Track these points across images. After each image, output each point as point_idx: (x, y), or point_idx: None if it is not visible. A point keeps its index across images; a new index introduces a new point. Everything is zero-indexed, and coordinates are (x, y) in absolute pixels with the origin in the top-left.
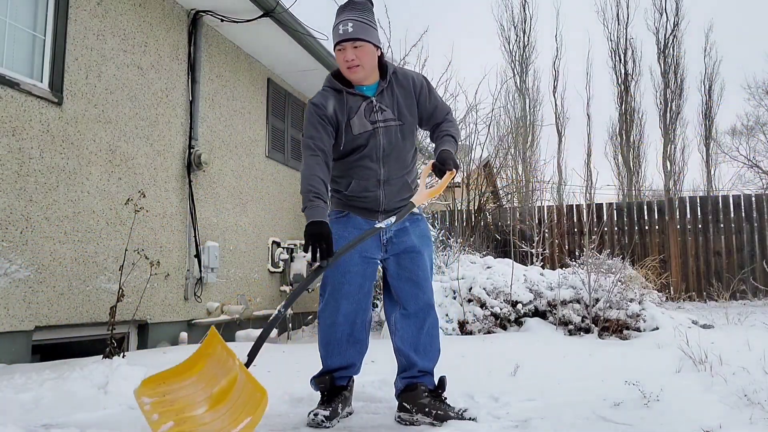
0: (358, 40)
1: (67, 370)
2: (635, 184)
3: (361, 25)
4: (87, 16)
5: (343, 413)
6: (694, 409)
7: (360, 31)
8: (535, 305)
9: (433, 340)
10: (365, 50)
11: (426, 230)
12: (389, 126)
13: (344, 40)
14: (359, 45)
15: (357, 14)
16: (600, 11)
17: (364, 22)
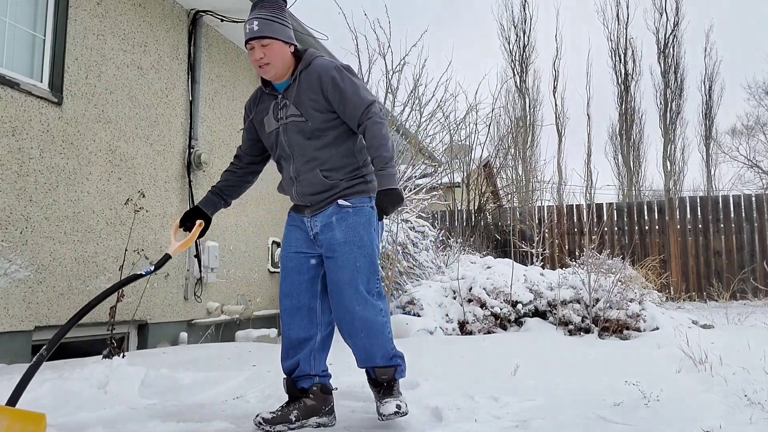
0: (265, 38)
1: (67, 370)
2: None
3: (268, 23)
4: (87, 16)
5: (299, 422)
6: (694, 409)
7: (266, 29)
8: (535, 305)
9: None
10: (273, 48)
11: (356, 227)
12: (291, 122)
13: (251, 39)
14: (267, 43)
15: (265, 12)
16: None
17: (272, 19)
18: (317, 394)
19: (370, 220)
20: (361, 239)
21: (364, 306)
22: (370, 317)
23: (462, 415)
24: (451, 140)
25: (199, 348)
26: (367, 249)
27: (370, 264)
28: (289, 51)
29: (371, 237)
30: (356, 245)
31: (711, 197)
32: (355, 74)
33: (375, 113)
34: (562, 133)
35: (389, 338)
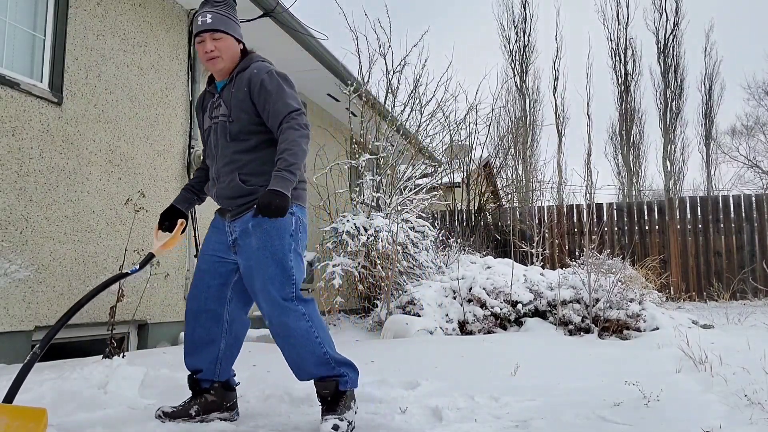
0: (218, 31)
1: (67, 370)
2: (635, 184)
3: (221, 18)
4: (87, 16)
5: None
6: (694, 409)
7: (219, 23)
8: (535, 305)
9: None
10: (225, 42)
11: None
12: (218, 122)
13: (204, 31)
14: (219, 37)
15: (217, 7)
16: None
17: (225, 15)
18: (218, 391)
19: (286, 227)
20: (272, 245)
21: (280, 312)
22: (290, 323)
23: (462, 415)
24: (451, 140)
25: None
26: (278, 255)
27: (282, 270)
28: (238, 49)
29: (284, 243)
30: (269, 251)
31: (711, 197)
32: (289, 82)
33: (296, 120)
34: (562, 133)
35: (319, 342)
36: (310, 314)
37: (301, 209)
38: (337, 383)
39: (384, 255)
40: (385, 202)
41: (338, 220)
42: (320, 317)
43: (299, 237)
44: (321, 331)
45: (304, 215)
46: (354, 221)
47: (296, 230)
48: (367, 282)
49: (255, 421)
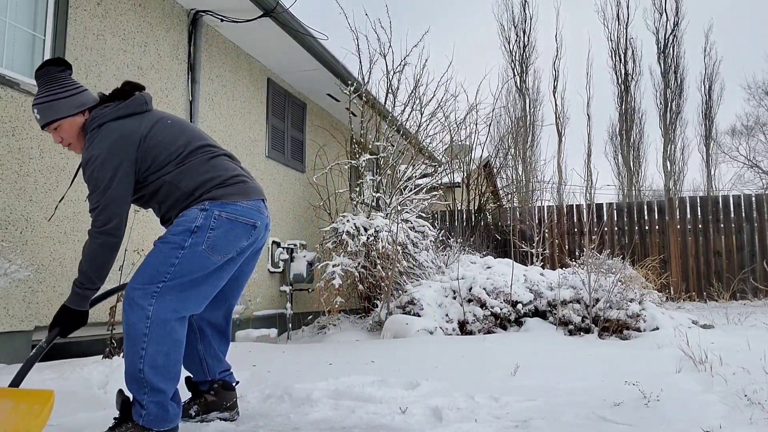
0: (51, 122)
1: (67, 370)
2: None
3: (47, 106)
4: (87, 16)
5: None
6: (694, 409)
7: (47, 114)
8: (535, 305)
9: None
10: (65, 128)
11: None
12: None
13: (43, 127)
14: (57, 125)
15: (40, 94)
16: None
17: (50, 99)
18: (218, 391)
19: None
20: (165, 237)
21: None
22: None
23: (462, 415)
24: (452, 140)
25: None
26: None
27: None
28: (81, 119)
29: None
30: (161, 240)
31: (711, 197)
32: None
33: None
34: (562, 133)
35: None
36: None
37: (221, 205)
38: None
39: (384, 255)
40: (385, 202)
41: (338, 220)
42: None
43: (207, 234)
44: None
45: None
46: (354, 221)
47: (203, 226)
48: (367, 282)
49: (255, 421)
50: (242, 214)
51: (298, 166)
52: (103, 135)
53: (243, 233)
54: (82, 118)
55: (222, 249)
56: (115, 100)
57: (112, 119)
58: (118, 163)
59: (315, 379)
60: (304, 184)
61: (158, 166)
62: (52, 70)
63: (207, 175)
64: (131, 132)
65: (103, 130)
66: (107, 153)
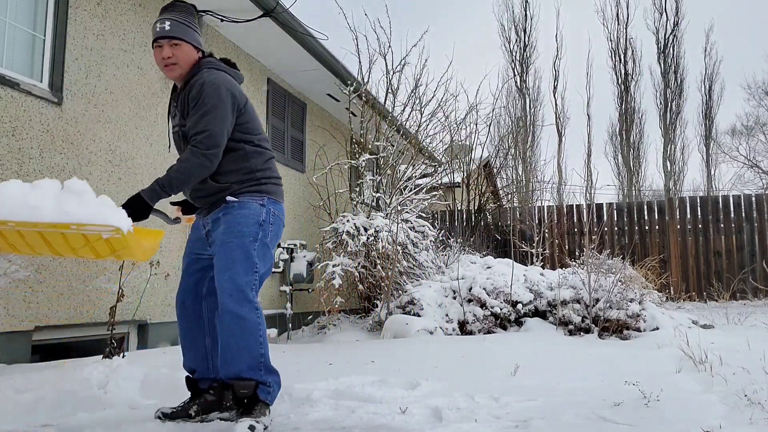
0: (175, 38)
1: (67, 370)
2: (635, 184)
3: (179, 25)
4: (87, 16)
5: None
6: (694, 409)
7: (177, 30)
8: (535, 305)
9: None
10: (182, 49)
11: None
12: (176, 131)
13: (161, 37)
14: (176, 43)
15: (176, 14)
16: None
17: (183, 22)
18: (217, 390)
19: (254, 215)
20: (239, 231)
21: (236, 300)
22: (243, 314)
23: (462, 415)
24: (452, 140)
25: None
26: (243, 241)
27: (245, 257)
28: (196, 56)
29: (250, 230)
30: (234, 236)
31: (711, 197)
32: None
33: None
34: (562, 133)
35: (260, 343)
36: (260, 311)
37: (274, 203)
38: (256, 386)
39: (384, 255)
40: (385, 202)
41: (338, 220)
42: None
43: (269, 228)
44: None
45: (278, 208)
46: (354, 221)
47: (266, 221)
48: (367, 282)
49: None
50: (282, 214)
51: (298, 166)
52: (223, 75)
53: (281, 232)
54: (196, 54)
55: (274, 243)
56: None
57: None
58: (232, 101)
59: (315, 379)
60: (304, 184)
61: (244, 132)
62: (192, 9)
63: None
64: (240, 91)
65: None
66: (226, 88)
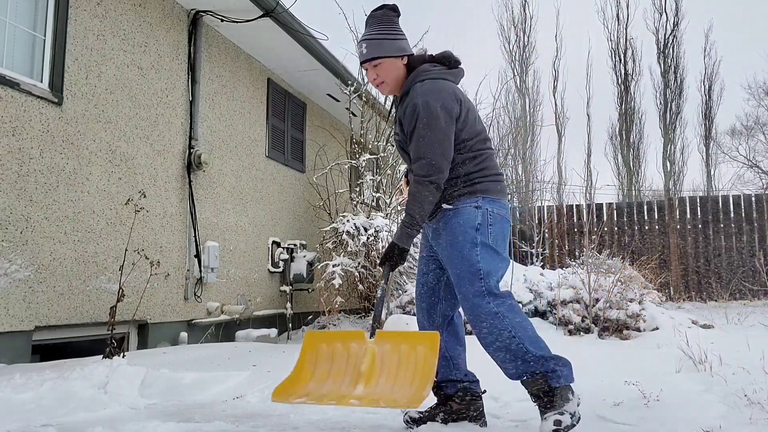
0: (374, 59)
1: (67, 370)
2: (635, 184)
3: (375, 43)
4: (87, 16)
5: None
6: (694, 409)
7: (373, 50)
8: (535, 305)
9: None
10: (384, 67)
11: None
12: (397, 138)
13: (363, 62)
14: (377, 63)
15: (374, 30)
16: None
17: (379, 38)
18: (463, 399)
19: (470, 221)
20: (457, 241)
21: (471, 307)
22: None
23: None
24: None
25: (199, 348)
26: (463, 250)
27: (469, 265)
28: (402, 64)
29: (467, 237)
30: (454, 247)
31: (711, 197)
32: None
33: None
34: (562, 133)
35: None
36: (503, 310)
37: (491, 201)
38: (547, 379)
39: None
40: (385, 202)
41: (338, 220)
42: (518, 310)
43: (488, 229)
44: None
45: (496, 206)
46: (354, 221)
47: (483, 223)
48: (367, 282)
49: (255, 421)
50: (506, 211)
51: (298, 166)
52: (435, 88)
53: (508, 228)
54: (401, 62)
55: (502, 242)
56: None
57: (442, 78)
58: (447, 116)
59: None
60: (304, 184)
61: (457, 141)
62: (389, 14)
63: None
64: (458, 97)
65: (436, 83)
66: (440, 107)
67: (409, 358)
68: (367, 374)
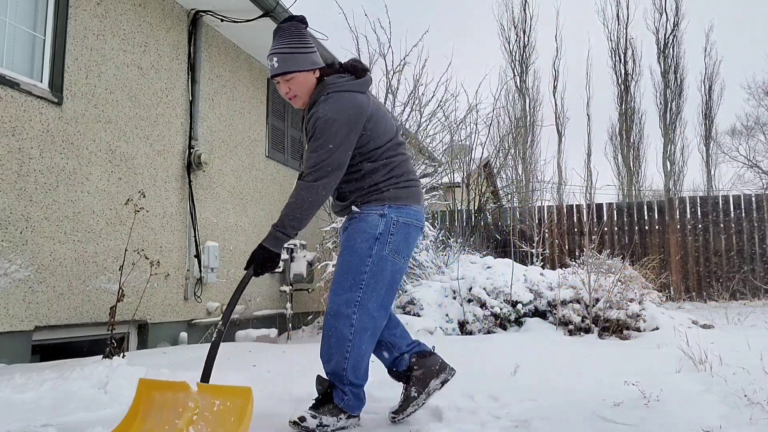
0: (288, 73)
1: (67, 370)
2: (635, 184)
3: (288, 57)
4: (87, 16)
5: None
6: (694, 409)
7: (286, 65)
8: (535, 305)
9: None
10: (297, 81)
11: (355, 232)
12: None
13: (274, 76)
14: (290, 78)
15: (283, 44)
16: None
17: (291, 51)
18: (418, 363)
19: (371, 228)
20: (354, 244)
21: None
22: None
23: (462, 415)
24: (452, 140)
25: (199, 348)
26: (355, 255)
27: (356, 271)
28: (314, 77)
29: (364, 244)
30: (348, 249)
31: (711, 197)
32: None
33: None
34: (562, 133)
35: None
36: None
37: (398, 209)
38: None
39: None
40: None
41: (338, 219)
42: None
43: (388, 239)
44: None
45: (402, 213)
46: None
47: (384, 232)
48: None
49: (255, 421)
50: (415, 218)
51: (298, 165)
52: (340, 102)
53: (416, 236)
54: (314, 76)
55: (403, 251)
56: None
57: (349, 90)
58: (347, 132)
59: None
60: None
61: (363, 154)
62: (299, 26)
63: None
64: (363, 109)
65: (341, 97)
66: (341, 120)
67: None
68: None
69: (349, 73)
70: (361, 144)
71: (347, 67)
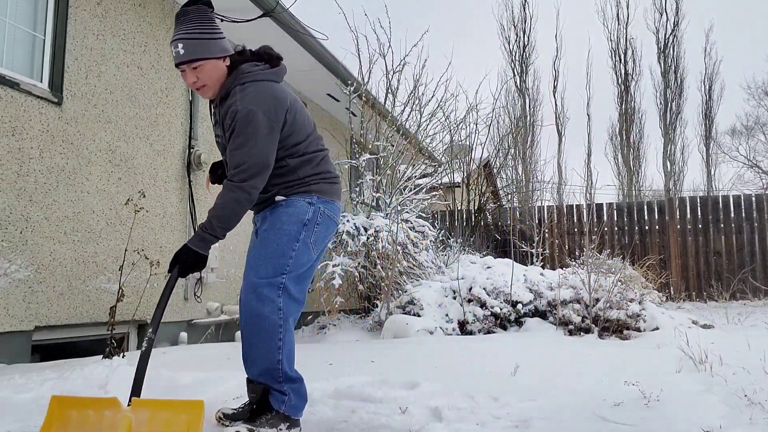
0: (195, 61)
1: (67, 370)
2: (635, 184)
3: (195, 43)
4: (87, 16)
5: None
6: (694, 409)
7: (193, 51)
8: (535, 305)
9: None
10: (206, 69)
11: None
12: (218, 141)
13: (179, 64)
14: (197, 65)
15: (188, 29)
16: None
17: (198, 37)
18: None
19: (300, 213)
20: (281, 227)
21: (257, 297)
22: (263, 312)
23: (462, 415)
24: (452, 140)
25: (199, 348)
26: (283, 236)
27: (281, 253)
28: (224, 67)
29: (292, 228)
30: (274, 231)
31: (711, 197)
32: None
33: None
34: (562, 133)
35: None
36: (286, 314)
37: (324, 201)
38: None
39: (384, 255)
40: (385, 202)
41: None
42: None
43: (314, 228)
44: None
45: (328, 207)
46: (354, 221)
47: (312, 219)
48: (367, 282)
49: None
50: (336, 214)
51: None
52: (258, 93)
53: (332, 231)
54: (224, 63)
55: (321, 244)
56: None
57: (266, 80)
58: (269, 125)
59: (315, 379)
60: None
61: (286, 148)
62: (205, 9)
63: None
64: (283, 99)
65: (259, 87)
66: (262, 112)
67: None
68: None
69: (263, 61)
70: (282, 137)
71: (260, 54)
